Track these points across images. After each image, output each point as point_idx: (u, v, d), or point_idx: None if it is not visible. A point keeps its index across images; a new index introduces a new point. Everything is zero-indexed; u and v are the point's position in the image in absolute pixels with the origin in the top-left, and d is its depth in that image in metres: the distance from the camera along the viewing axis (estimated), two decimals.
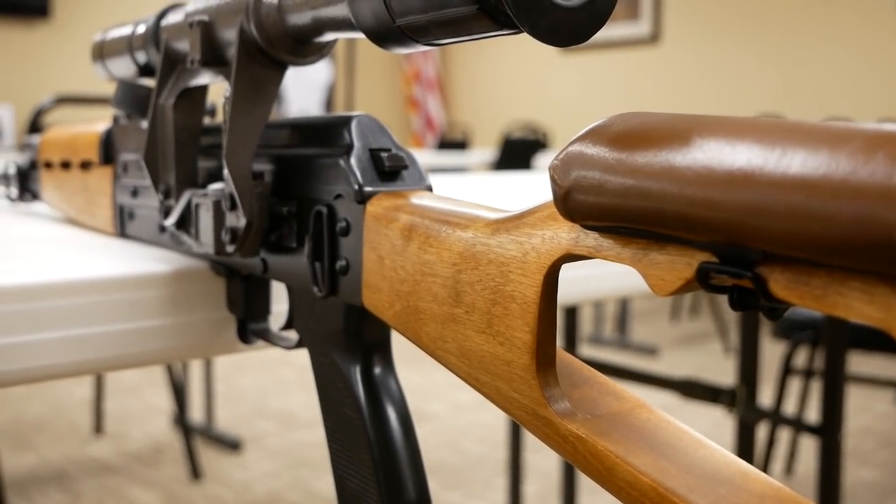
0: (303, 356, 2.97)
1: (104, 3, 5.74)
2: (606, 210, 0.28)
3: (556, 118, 5.98)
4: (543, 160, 3.79)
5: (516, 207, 0.36)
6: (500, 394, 0.34)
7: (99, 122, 0.67)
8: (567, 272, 0.37)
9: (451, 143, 5.34)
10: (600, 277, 0.71)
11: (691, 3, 5.36)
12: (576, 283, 0.68)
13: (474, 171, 4.69)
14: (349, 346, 0.44)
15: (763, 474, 0.29)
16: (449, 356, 0.36)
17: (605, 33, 4.86)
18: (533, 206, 0.34)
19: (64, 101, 2.09)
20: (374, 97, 6.88)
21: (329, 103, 6.60)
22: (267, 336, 0.52)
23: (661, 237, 0.28)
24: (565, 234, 0.31)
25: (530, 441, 2.34)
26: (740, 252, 0.25)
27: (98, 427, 2.66)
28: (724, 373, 3.33)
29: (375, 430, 0.42)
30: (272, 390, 3.14)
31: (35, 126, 1.99)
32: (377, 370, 0.44)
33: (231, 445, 2.54)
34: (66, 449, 2.53)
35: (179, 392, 2.37)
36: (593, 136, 0.29)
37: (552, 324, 0.33)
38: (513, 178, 1.69)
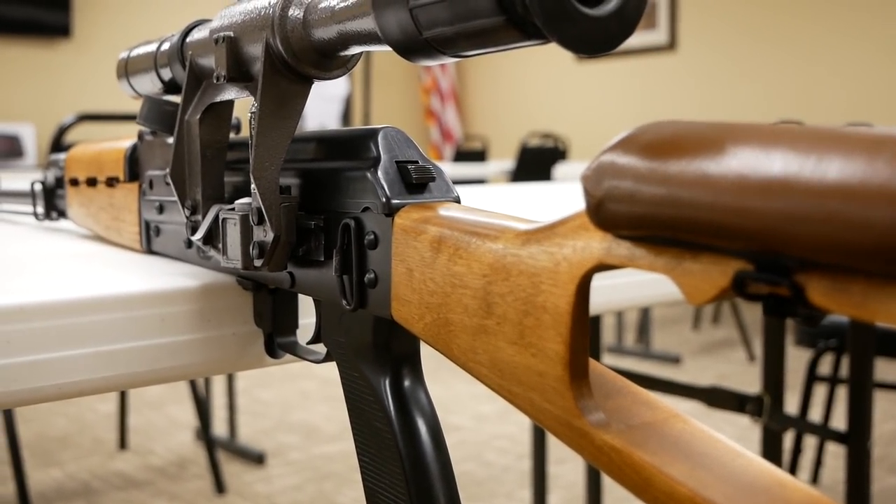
0: (324, 369, 2.97)
1: (124, 23, 5.79)
2: (640, 219, 0.28)
3: (573, 127, 5.97)
4: (562, 170, 3.78)
5: (545, 218, 0.36)
6: (533, 405, 0.34)
7: (124, 139, 0.68)
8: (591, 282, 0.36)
9: (469, 153, 5.35)
10: (624, 287, 0.71)
11: (708, 11, 5.34)
12: (600, 292, 0.68)
13: (492, 182, 4.69)
14: (378, 359, 0.44)
15: (801, 483, 0.29)
16: (480, 368, 0.36)
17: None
18: (563, 216, 0.34)
19: (86, 118, 2.11)
20: (391, 109, 6.90)
21: (346, 116, 6.62)
22: (295, 350, 0.52)
23: (695, 245, 0.28)
24: (597, 243, 0.31)
25: (554, 452, 2.33)
26: (777, 259, 0.25)
27: (122, 442, 2.68)
28: (747, 381, 3.31)
29: (406, 443, 0.42)
30: (294, 403, 3.14)
31: (58, 144, 2.01)
32: (407, 383, 0.44)
33: (255, 459, 2.55)
34: (91, 464, 2.54)
35: (203, 406, 2.38)
36: (625, 145, 0.29)
37: (585, 334, 0.32)
38: (533, 189, 1.69)
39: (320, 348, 0.49)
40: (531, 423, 1.97)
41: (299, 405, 3.12)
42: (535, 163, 4.28)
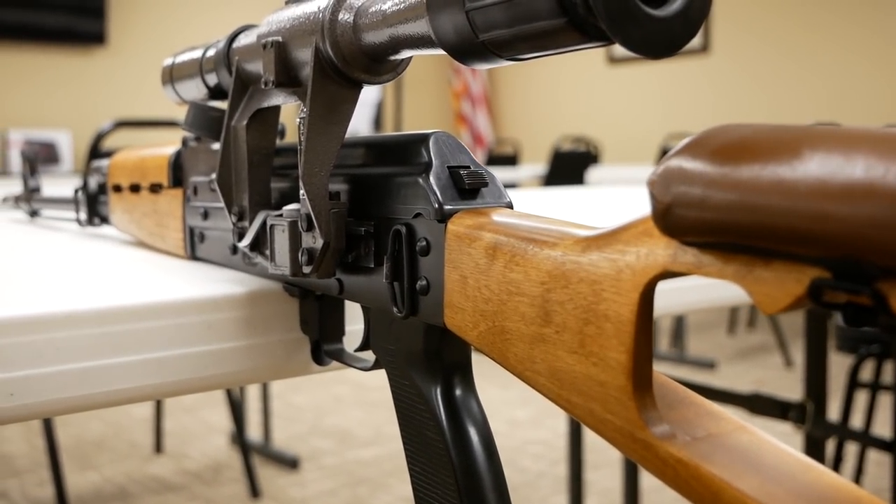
0: (356, 373, 2.98)
1: (158, 31, 5.85)
2: (710, 226, 0.27)
3: (605, 130, 5.94)
4: (595, 174, 3.76)
5: (600, 223, 0.35)
6: (594, 416, 0.33)
7: (167, 145, 0.68)
8: None
9: (501, 157, 5.34)
10: (671, 292, 0.70)
11: (741, 13, 5.30)
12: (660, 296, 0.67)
13: (524, 187, 4.68)
14: (429, 368, 0.43)
15: (876, 499, 0.28)
16: (538, 377, 0.36)
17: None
18: (625, 222, 0.33)
19: (123, 125, 2.12)
20: (422, 114, 6.91)
21: (378, 121, 6.64)
22: (342, 357, 0.51)
23: (768, 252, 0.27)
24: (662, 250, 0.30)
25: (590, 458, 2.31)
26: (857, 267, 0.24)
27: (158, 446, 2.69)
28: (785, 387, 3.27)
29: (458, 453, 0.41)
30: (328, 408, 3.14)
31: (96, 150, 2.03)
32: (458, 392, 0.43)
33: (289, 464, 2.55)
34: (127, 468, 2.56)
35: (237, 411, 2.39)
36: (693, 149, 0.28)
37: (648, 343, 0.32)
38: (567, 193, 1.68)
39: (368, 356, 0.49)
40: (567, 429, 1.96)
41: (333, 410, 3.13)
42: (568, 167, 4.26)
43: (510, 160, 5.27)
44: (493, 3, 0.33)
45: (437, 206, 0.40)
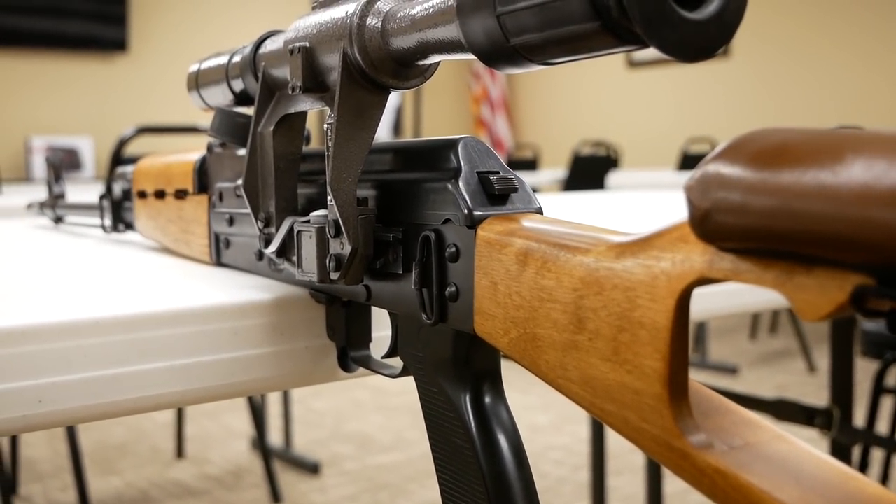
0: (377, 379, 2.98)
1: (179, 38, 5.88)
2: (750, 231, 0.27)
3: (625, 134, 5.92)
4: (616, 178, 3.75)
5: (631, 229, 0.35)
6: (628, 424, 0.33)
7: (192, 151, 0.68)
8: None
9: (520, 162, 5.33)
10: (702, 297, 0.69)
11: (761, 16, 5.27)
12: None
13: (544, 191, 4.67)
14: (458, 375, 0.43)
15: None
16: (570, 385, 0.35)
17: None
18: (659, 227, 0.32)
19: (144, 131, 2.13)
20: (441, 119, 6.91)
21: (397, 126, 6.65)
22: (369, 364, 0.51)
23: (808, 258, 0.26)
24: (698, 256, 0.30)
25: (612, 463, 2.30)
26: None
27: (179, 451, 2.70)
28: (808, 393, 3.25)
29: (488, 461, 0.41)
30: (348, 413, 3.15)
31: (118, 156, 2.04)
32: (488, 399, 0.42)
33: (310, 469, 2.55)
34: (148, 472, 2.57)
35: (259, 416, 2.39)
36: (730, 154, 0.28)
37: (684, 351, 0.31)
38: (588, 198, 1.67)
39: (395, 362, 0.49)
40: (589, 434, 1.95)
41: (353, 415, 3.13)
42: (588, 171, 4.25)
43: (530, 165, 5.26)
44: (524, 7, 0.32)
45: (466, 211, 0.40)
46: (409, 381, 0.48)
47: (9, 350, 0.43)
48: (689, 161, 4.73)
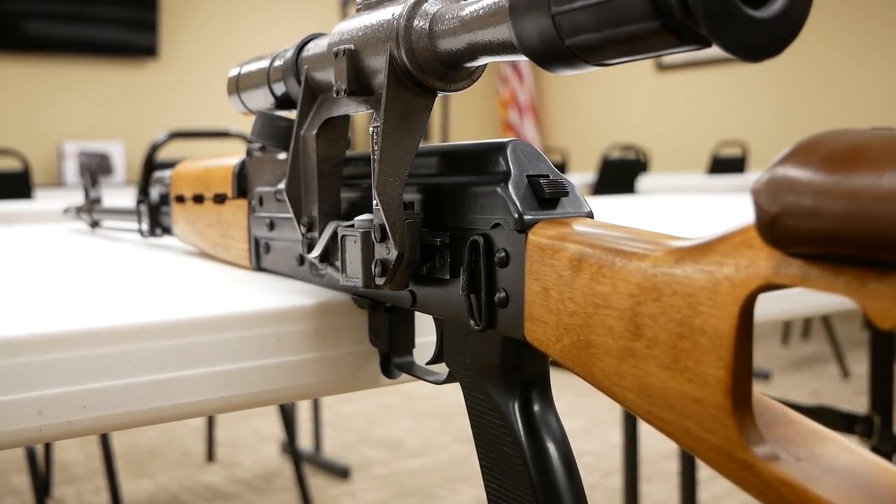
0: (406, 382, 2.98)
1: (208, 43, 5.92)
2: (822, 236, 0.26)
3: (655, 138, 5.89)
4: (646, 182, 3.72)
5: (694, 234, 0.34)
6: (688, 434, 0.32)
7: (230, 155, 0.68)
8: None
9: None
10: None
11: None
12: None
13: None
14: (506, 382, 0.42)
15: None
16: (626, 393, 0.34)
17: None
18: (721, 232, 0.31)
19: (177, 136, 2.14)
20: (469, 123, 6.91)
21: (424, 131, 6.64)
22: (412, 370, 0.50)
23: (882, 264, 0.25)
24: (764, 261, 0.29)
25: (645, 470, 2.28)
26: None
27: (210, 454, 2.71)
28: (843, 399, 3.20)
29: (538, 469, 0.40)
30: (377, 417, 3.14)
31: (151, 161, 2.05)
32: (537, 407, 0.42)
33: (340, 473, 2.55)
34: (180, 476, 2.58)
35: (289, 420, 2.39)
36: (799, 157, 0.27)
37: (748, 359, 0.30)
38: (620, 202, 1.66)
39: (440, 368, 0.48)
40: (621, 440, 1.93)
41: (382, 419, 3.12)
42: (617, 175, 4.22)
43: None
44: (581, 7, 0.32)
45: (516, 216, 0.39)
46: (438, 387, 0.48)
47: (55, 356, 0.43)
48: (719, 165, 4.69)
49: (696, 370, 0.31)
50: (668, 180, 3.89)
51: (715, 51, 0.31)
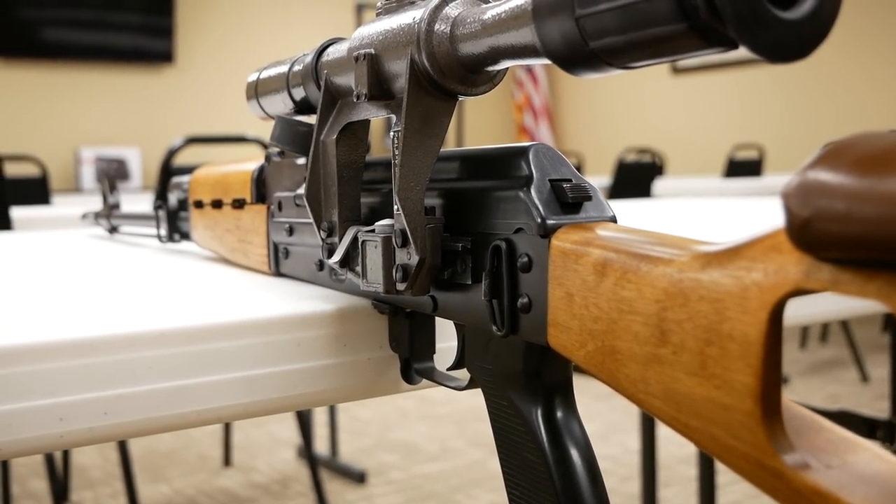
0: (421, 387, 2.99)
1: (224, 50, 5.95)
2: (855, 241, 0.25)
3: (670, 141, 5.87)
4: (661, 186, 3.71)
5: (714, 238, 0.34)
6: (716, 441, 0.31)
7: (249, 160, 0.68)
8: None
9: None
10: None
11: None
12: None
13: None
14: (529, 388, 0.41)
15: None
16: (652, 399, 0.34)
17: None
18: (748, 237, 0.31)
19: (193, 141, 2.15)
20: (483, 127, 6.91)
21: None
22: (432, 376, 0.50)
23: None
24: (794, 266, 0.29)
25: (662, 475, 2.27)
26: None
27: (227, 459, 2.71)
28: (861, 403, 3.18)
29: (561, 476, 0.40)
30: (393, 422, 3.14)
31: (168, 166, 2.06)
32: (560, 413, 0.41)
33: (356, 478, 2.55)
34: (196, 480, 2.59)
35: (305, 424, 2.39)
36: (831, 160, 0.26)
37: (778, 365, 0.30)
38: (636, 206, 1.65)
39: (461, 374, 0.48)
40: (639, 445, 1.92)
41: (398, 424, 3.12)
42: (633, 179, 4.21)
43: None
44: (605, 9, 0.31)
45: (539, 220, 0.39)
46: (453, 391, 0.47)
47: (76, 362, 0.43)
48: (735, 168, 4.67)
49: (725, 377, 0.31)
50: (684, 184, 3.88)
51: (731, 53, 0.30)
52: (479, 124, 6.83)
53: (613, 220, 0.40)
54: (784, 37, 0.28)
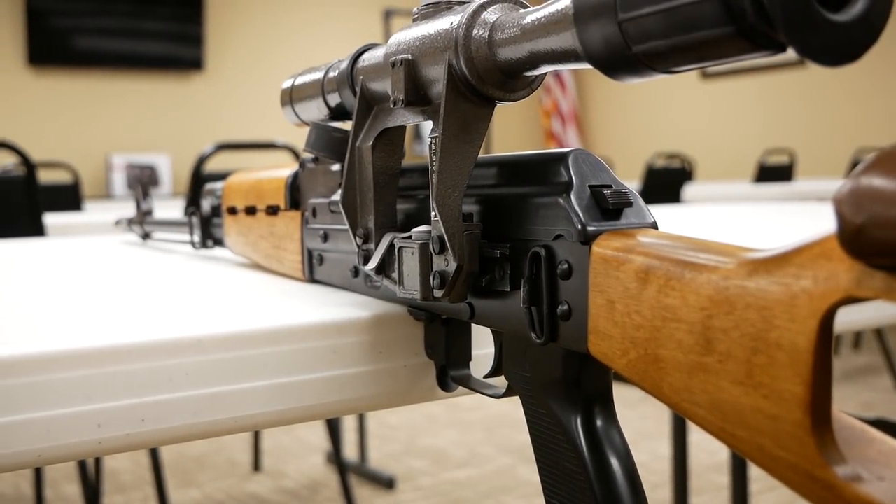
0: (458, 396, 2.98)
1: (253, 57, 5.99)
2: None
3: (699, 146, 5.83)
4: (691, 191, 3.68)
5: (768, 245, 0.33)
6: (763, 452, 0.31)
7: (283, 167, 0.68)
8: None
9: None
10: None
11: None
12: None
13: None
14: (568, 396, 0.41)
15: None
16: (697, 409, 0.33)
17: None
18: (796, 243, 0.30)
19: (224, 147, 2.16)
20: (511, 132, 6.90)
21: None
22: (469, 383, 0.50)
23: None
24: (845, 273, 0.28)
25: (695, 483, 2.25)
26: None
27: (256, 464, 2.72)
28: (895, 411, 3.13)
29: (602, 486, 0.39)
30: (422, 428, 3.14)
31: (198, 173, 2.07)
32: (599, 422, 0.41)
33: (385, 484, 2.55)
34: (226, 485, 2.60)
35: (334, 430, 2.39)
36: (885, 166, 0.26)
37: (828, 375, 0.29)
38: (667, 212, 1.64)
39: (498, 382, 0.47)
40: (670, 452, 1.90)
41: (427, 430, 3.12)
42: (662, 184, 4.18)
43: None
44: (649, 13, 0.31)
45: (580, 227, 0.38)
46: (483, 397, 0.47)
47: (114, 369, 0.43)
48: (766, 173, 4.63)
49: (772, 386, 0.30)
50: (714, 189, 3.85)
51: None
52: (506, 130, 6.82)
53: (654, 226, 0.40)
54: (835, 40, 0.28)
